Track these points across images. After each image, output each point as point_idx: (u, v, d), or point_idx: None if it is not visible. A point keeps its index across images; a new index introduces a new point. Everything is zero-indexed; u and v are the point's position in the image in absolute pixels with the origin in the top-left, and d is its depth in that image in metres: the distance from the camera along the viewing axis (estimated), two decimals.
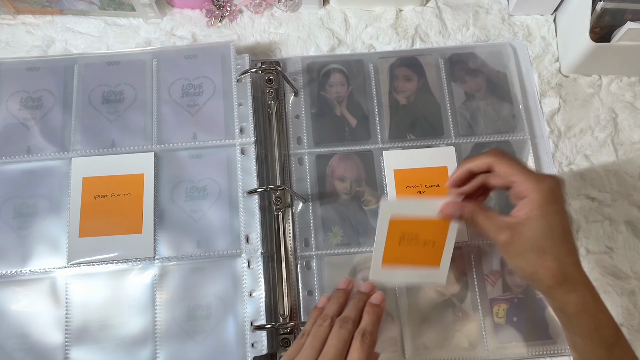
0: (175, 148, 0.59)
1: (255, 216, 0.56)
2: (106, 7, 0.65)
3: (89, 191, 0.57)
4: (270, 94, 0.61)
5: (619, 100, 0.64)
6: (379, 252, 0.50)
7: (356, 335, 0.44)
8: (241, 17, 0.67)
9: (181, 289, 0.55)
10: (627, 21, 0.57)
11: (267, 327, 0.53)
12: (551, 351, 0.55)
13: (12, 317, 0.54)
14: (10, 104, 0.60)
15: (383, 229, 0.49)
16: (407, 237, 0.49)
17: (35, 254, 0.55)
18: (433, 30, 0.67)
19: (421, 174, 0.59)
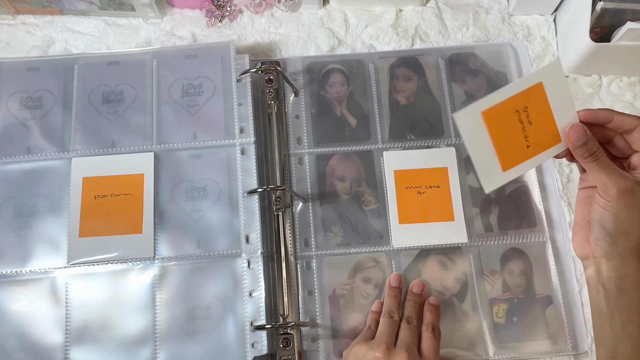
0: (175, 148, 0.59)
1: (255, 216, 0.56)
2: (106, 7, 0.65)
3: (89, 191, 0.57)
4: (270, 94, 0.61)
5: (619, 100, 0.64)
6: (493, 99, 0.43)
7: (425, 329, 0.52)
8: (241, 17, 0.67)
9: (181, 289, 0.55)
10: (627, 21, 0.57)
11: (267, 327, 0.53)
12: (551, 351, 0.55)
13: (12, 317, 0.54)
14: (10, 104, 0.60)
15: (526, 83, 0.43)
16: (524, 114, 0.44)
17: (35, 254, 0.55)
18: (433, 30, 0.67)
19: (421, 174, 0.59)
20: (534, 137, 0.45)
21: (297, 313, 0.56)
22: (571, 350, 0.55)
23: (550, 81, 0.44)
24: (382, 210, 0.59)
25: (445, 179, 0.58)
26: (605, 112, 0.45)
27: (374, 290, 0.56)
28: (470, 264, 0.57)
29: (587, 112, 0.45)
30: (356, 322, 0.55)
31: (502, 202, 0.59)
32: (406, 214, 0.58)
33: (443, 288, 0.56)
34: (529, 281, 0.57)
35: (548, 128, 0.45)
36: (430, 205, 0.58)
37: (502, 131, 0.44)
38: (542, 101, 0.44)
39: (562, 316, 0.56)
